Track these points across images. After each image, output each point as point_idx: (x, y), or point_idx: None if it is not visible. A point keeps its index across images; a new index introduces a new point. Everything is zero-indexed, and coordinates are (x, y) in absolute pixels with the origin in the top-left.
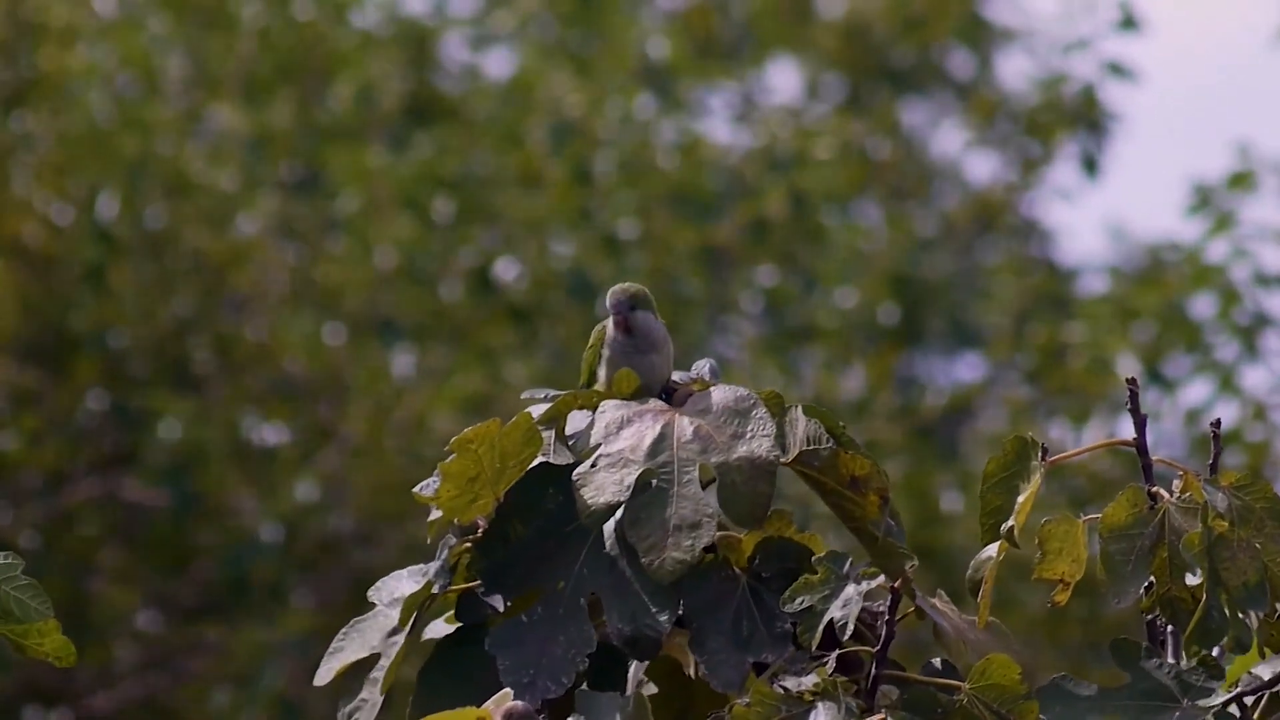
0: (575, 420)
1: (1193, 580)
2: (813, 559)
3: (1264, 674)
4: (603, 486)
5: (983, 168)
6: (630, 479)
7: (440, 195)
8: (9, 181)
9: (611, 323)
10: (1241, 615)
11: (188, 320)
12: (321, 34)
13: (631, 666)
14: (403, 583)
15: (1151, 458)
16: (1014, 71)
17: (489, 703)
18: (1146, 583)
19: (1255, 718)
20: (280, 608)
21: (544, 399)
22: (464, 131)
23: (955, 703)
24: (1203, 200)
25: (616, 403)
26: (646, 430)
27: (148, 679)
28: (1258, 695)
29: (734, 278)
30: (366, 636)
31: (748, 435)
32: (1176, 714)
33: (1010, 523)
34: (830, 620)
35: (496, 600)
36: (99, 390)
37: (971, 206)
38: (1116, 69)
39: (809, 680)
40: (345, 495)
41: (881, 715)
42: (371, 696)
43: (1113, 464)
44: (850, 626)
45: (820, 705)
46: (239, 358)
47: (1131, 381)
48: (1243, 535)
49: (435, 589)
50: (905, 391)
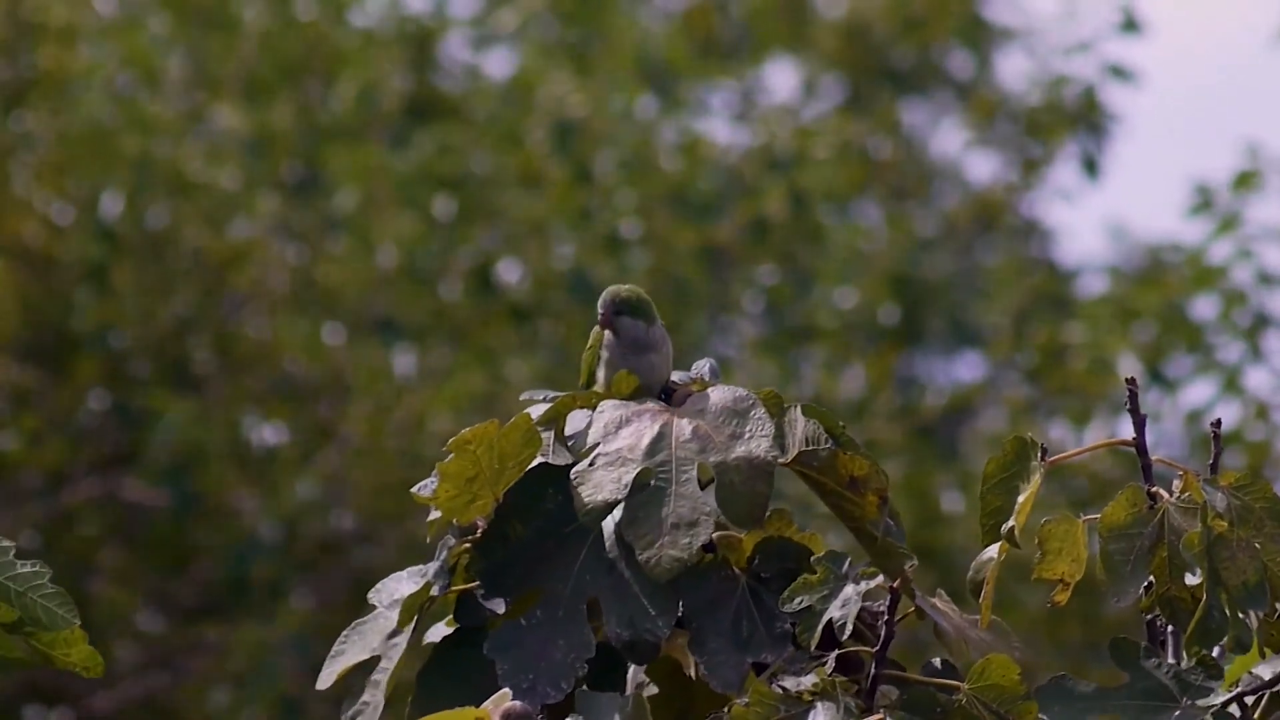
0: (574, 421)
1: (1192, 580)
2: (812, 559)
3: (1264, 674)
4: (600, 484)
5: (983, 168)
6: (628, 477)
7: (441, 194)
8: (9, 181)
9: (599, 324)
10: (1241, 615)
11: (188, 320)
12: (323, 34)
13: (631, 667)
14: (402, 584)
15: (1151, 458)
16: (1014, 71)
17: (487, 703)
18: (1146, 582)
19: (1255, 718)
20: (280, 605)
21: (543, 400)
22: (464, 131)
23: (954, 703)
24: (1205, 201)
25: (615, 403)
26: (645, 429)
27: (148, 679)
28: (1258, 695)
29: (734, 277)
30: (367, 639)
31: (746, 435)
32: (1176, 713)
33: (1010, 523)
34: (830, 620)
35: (496, 602)
36: (99, 390)
37: (971, 207)
38: (1118, 71)
39: (808, 680)
40: (345, 495)
41: (881, 715)
42: (374, 699)
43: (1112, 464)
44: (849, 626)
45: (819, 705)
46: (239, 357)
47: (1131, 381)
48: (1242, 535)
49: (434, 590)
50: (905, 391)
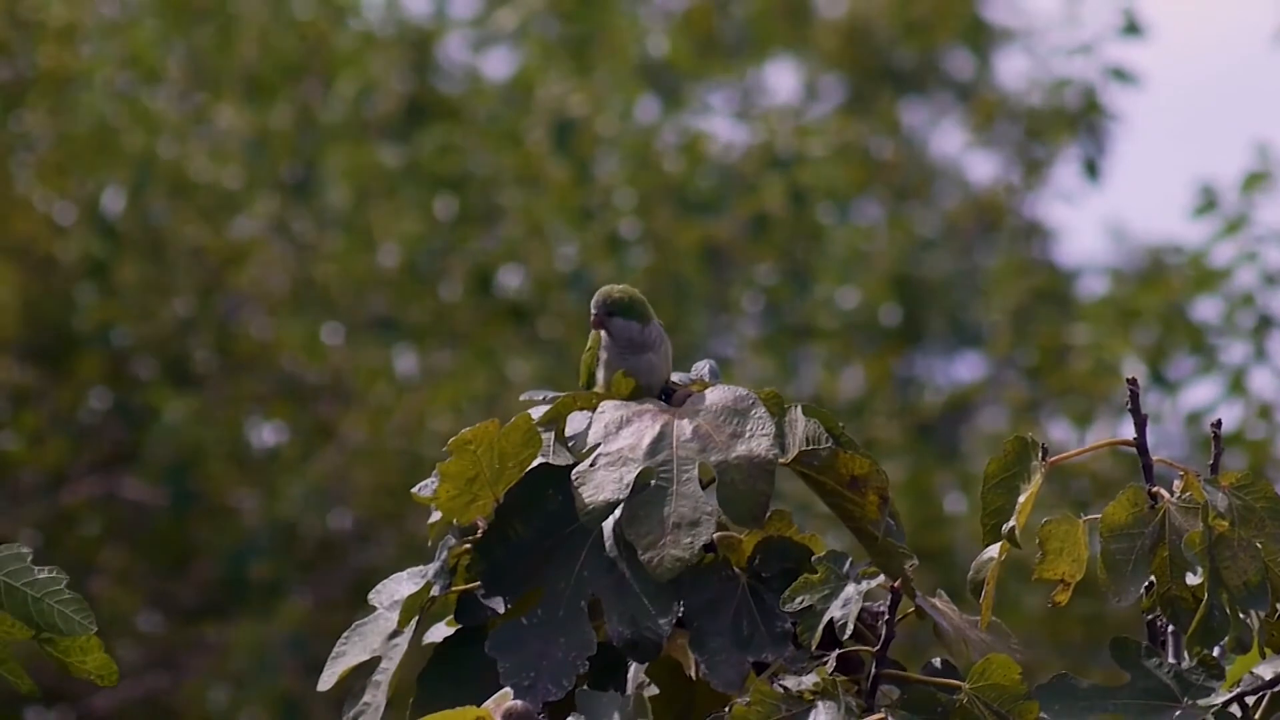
0: (575, 421)
1: (1193, 580)
2: (813, 559)
3: (1265, 674)
4: (602, 485)
5: (983, 168)
6: (629, 477)
7: (441, 194)
8: (10, 180)
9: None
10: (1242, 615)
11: (188, 319)
12: (322, 33)
13: (632, 667)
14: (403, 585)
15: (1152, 458)
16: (1014, 72)
17: (489, 702)
18: (1147, 582)
19: (1257, 718)
20: (279, 605)
21: (543, 400)
22: (464, 131)
23: (955, 702)
24: (1210, 202)
25: (615, 403)
26: (645, 429)
27: (148, 679)
28: (1259, 695)
29: (734, 276)
30: (368, 640)
31: (747, 434)
32: (1177, 713)
33: (1011, 523)
34: (830, 620)
35: (496, 602)
36: (100, 389)
37: (972, 207)
38: (1120, 74)
39: (809, 680)
40: (345, 495)
41: (882, 715)
42: (375, 700)
43: (1113, 465)
44: (850, 626)
45: (820, 704)
46: (239, 357)
47: (1132, 381)
48: (1243, 535)
49: (435, 590)
50: (905, 391)
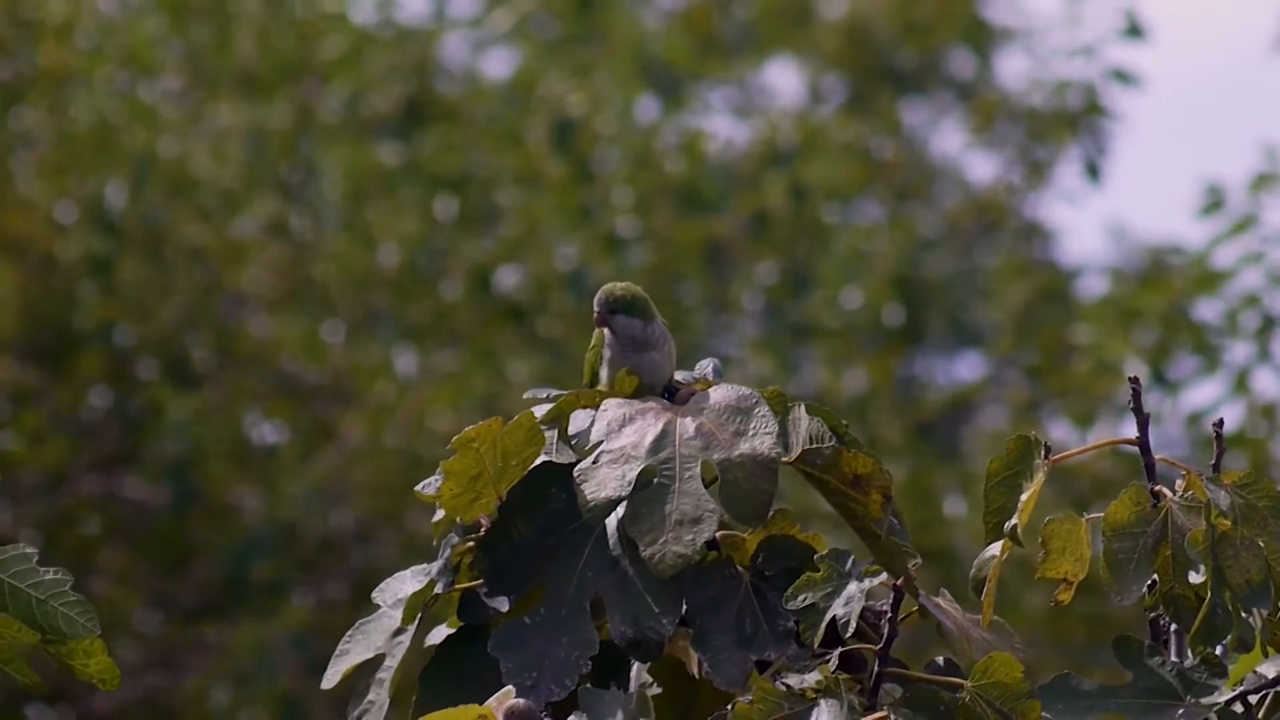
0: (578, 419)
1: (1196, 579)
2: (815, 557)
3: (1268, 673)
4: (604, 482)
5: (984, 168)
6: (632, 475)
7: (441, 194)
8: (10, 179)
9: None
10: (1245, 614)
11: (188, 318)
12: (320, 32)
13: (634, 665)
14: (406, 583)
15: (1154, 457)
16: (1015, 72)
17: (491, 700)
18: (1149, 581)
19: (1259, 717)
20: (280, 604)
21: (546, 398)
22: (464, 130)
23: (958, 701)
24: (1216, 202)
25: (618, 401)
26: (648, 427)
27: (147, 679)
28: (1261, 694)
29: (735, 275)
30: (371, 638)
31: (750, 433)
32: (1180, 712)
33: (1013, 521)
34: (833, 618)
35: (499, 600)
36: (100, 387)
37: (972, 207)
38: (1122, 76)
39: (812, 678)
40: (345, 494)
41: (884, 713)
42: (378, 698)
43: (1113, 465)
44: (852, 624)
45: (823, 703)
46: (239, 355)
47: (1134, 380)
48: (1246, 534)
49: (438, 588)
50: (905, 391)
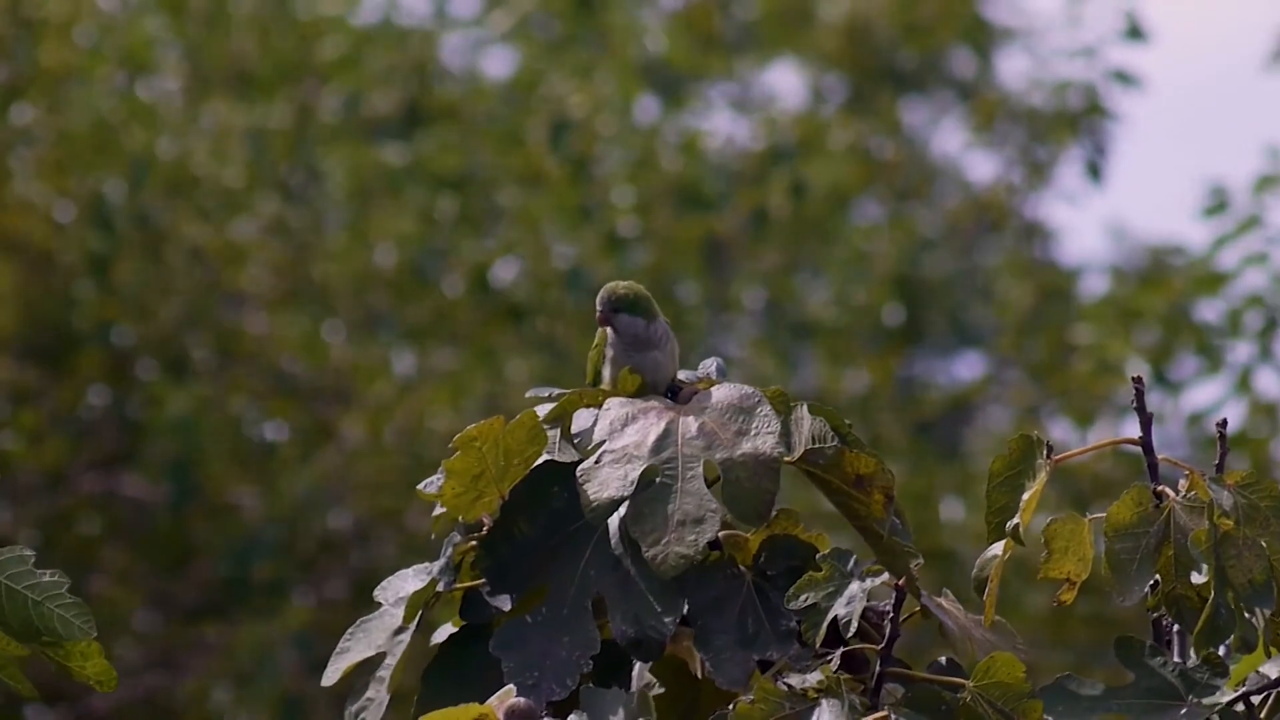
0: (581, 418)
1: (1198, 579)
2: (817, 557)
3: (1271, 673)
4: (606, 482)
5: (984, 168)
6: (634, 474)
7: (441, 193)
8: (9, 178)
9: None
10: (1247, 614)
11: (187, 316)
12: (321, 32)
13: (636, 665)
14: (408, 581)
15: (1157, 456)
16: (1015, 72)
17: (492, 699)
18: (1152, 582)
19: (1262, 717)
20: (280, 603)
21: (549, 397)
22: (464, 130)
23: (959, 700)
24: (1221, 203)
25: (621, 400)
26: (651, 427)
27: (147, 679)
28: (1264, 694)
29: (735, 273)
30: (372, 636)
31: (752, 432)
32: (1182, 712)
33: (1015, 520)
34: (835, 618)
35: (501, 599)
36: (99, 386)
37: (973, 207)
38: (1122, 76)
39: (813, 678)
40: (345, 494)
41: (885, 713)
42: (378, 695)
43: (1114, 465)
44: (854, 624)
45: (824, 702)
46: (239, 355)
47: (1137, 379)
48: (1248, 534)
49: (440, 587)
50: (905, 391)
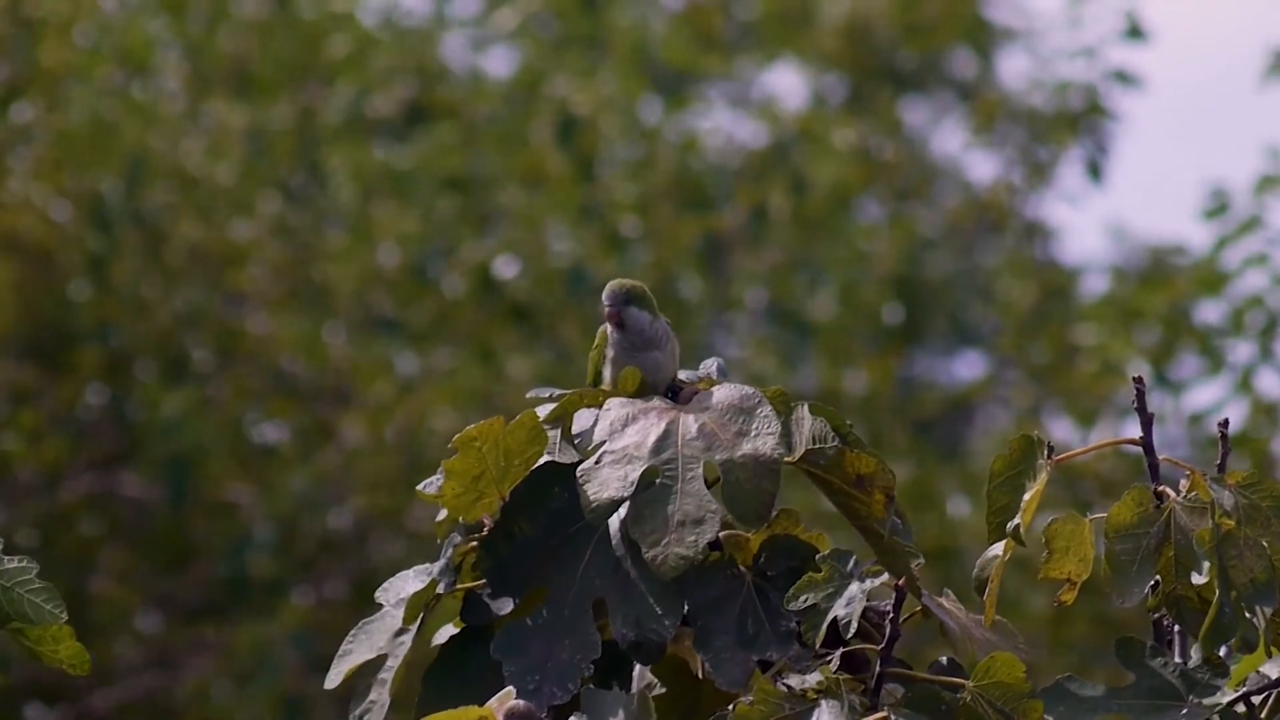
0: (581, 419)
1: (1199, 579)
2: (817, 557)
3: (1271, 673)
4: (606, 482)
5: (984, 168)
6: (634, 475)
7: (442, 192)
8: (7, 177)
9: (606, 318)
10: (1249, 614)
11: (187, 316)
12: (324, 32)
13: (637, 666)
14: (409, 582)
15: (1158, 457)
16: (1015, 72)
17: (492, 701)
18: (1152, 582)
19: (1262, 717)
20: (280, 603)
21: (549, 398)
22: (465, 130)
23: (959, 700)
24: (1222, 204)
25: (621, 400)
26: (651, 427)
27: (147, 678)
28: (1265, 694)
29: (736, 272)
30: (374, 638)
31: (752, 433)
32: (1183, 712)
33: (1016, 520)
34: (835, 618)
35: (502, 601)
36: (98, 385)
37: (973, 207)
38: (1123, 77)
39: (813, 678)
40: (345, 493)
41: (885, 713)
42: (380, 697)
43: (1115, 465)
44: (854, 624)
45: (824, 703)
46: (239, 355)
47: (1138, 380)
48: (1250, 534)
49: (440, 588)
50: (906, 391)
